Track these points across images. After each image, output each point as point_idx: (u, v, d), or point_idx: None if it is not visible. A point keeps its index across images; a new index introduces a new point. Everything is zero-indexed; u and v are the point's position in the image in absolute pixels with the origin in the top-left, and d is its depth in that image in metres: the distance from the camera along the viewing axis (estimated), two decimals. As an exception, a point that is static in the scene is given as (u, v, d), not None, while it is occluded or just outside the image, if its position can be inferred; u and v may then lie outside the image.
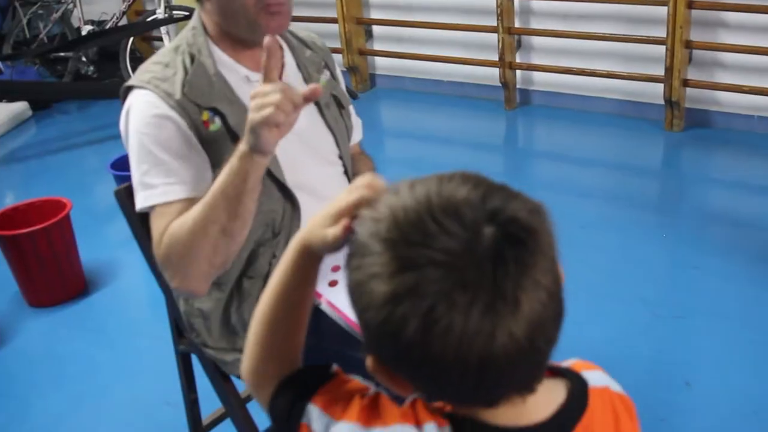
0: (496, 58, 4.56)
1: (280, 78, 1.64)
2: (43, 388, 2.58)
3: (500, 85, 4.64)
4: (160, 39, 5.63)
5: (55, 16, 5.63)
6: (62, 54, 5.61)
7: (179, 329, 1.82)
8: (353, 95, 4.87)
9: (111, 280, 3.17)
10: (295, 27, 1.74)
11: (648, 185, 3.83)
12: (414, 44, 4.95)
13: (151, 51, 6.07)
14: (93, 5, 5.77)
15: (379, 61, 5.27)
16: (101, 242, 3.42)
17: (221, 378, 1.73)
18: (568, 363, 0.90)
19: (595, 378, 0.89)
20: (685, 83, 4.07)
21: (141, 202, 1.48)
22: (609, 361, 2.29)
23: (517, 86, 4.72)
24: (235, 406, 1.75)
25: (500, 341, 0.70)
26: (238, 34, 1.55)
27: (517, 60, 4.64)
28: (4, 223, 2.96)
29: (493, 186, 0.76)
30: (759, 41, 3.84)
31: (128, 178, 1.53)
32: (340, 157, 1.73)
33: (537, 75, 4.69)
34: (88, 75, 5.64)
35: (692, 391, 2.26)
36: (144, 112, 1.47)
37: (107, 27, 5.54)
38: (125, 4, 5.59)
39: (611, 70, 4.32)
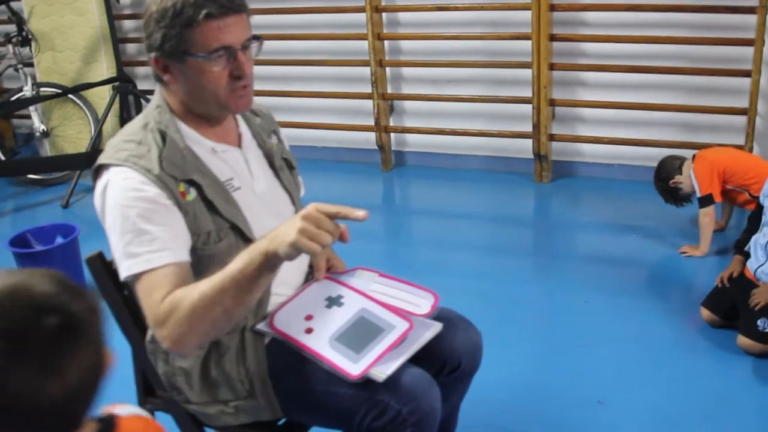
0: (372, 122, 4.81)
1: (240, 146, 1.77)
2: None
3: (377, 148, 4.89)
4: (28, 117, 5.54)
5: None
6: None
7: (146, 389, 1.88)
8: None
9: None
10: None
11: (525, 233, 4.14)
12: (291, 113, 5.12)
13: (9, 128, 5.96)
14: (-47, 85, 5.61)
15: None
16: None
17: (197, 429, 1.80)
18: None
19: (125, 410, 1.18)
20: (551, 137, 4.44)
21: (126, 271, 1.54)
22: (524, 390, 2.52)
23: (393, 148, 4.98)
24: (210, 457, 1.81)
25: (43, 401, 0.93)
26: (206, 113, 1.68)
27: (391, 123, 4.90)
28: None
29: (68, 285, 1.00)
30: (614, 97, 4.27)
31: (28, 256, 1.51)
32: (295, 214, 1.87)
33: (410, 137, 4.96)
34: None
35: (606, 408, 2.49)
36: (125, 187, 1.55)
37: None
38: (-11, 82, 5.49)
39: (481, 128, 4.65)
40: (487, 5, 4.39)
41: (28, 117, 5.51)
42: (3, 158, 5.34)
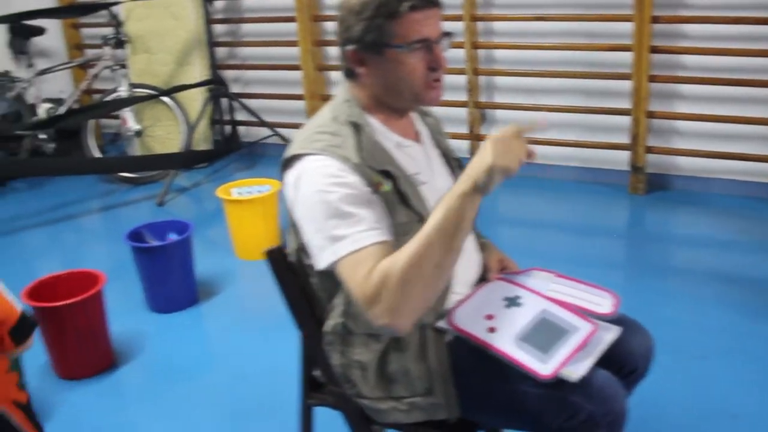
0: (466, 131, 4.84)
1: (419, 141, 1.81)
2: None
3: (468, 156, 4.90)
4: (116, 117, 5.67)
5: (10, 94, 5.58)
6: (16, 132, 5.53)
7: (311, 384, 1.91)
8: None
9: (138, 352, 3.17)
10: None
11: (620, 245, 4.10)
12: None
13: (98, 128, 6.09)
14: (48, 83, 5.75)
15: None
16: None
17: (367, 427, 1.82)
18: None
19: None
20: (648, 150, 4.42)
21: (332, 256, 1.55)
22: (653, 403, 2.50)
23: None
24: (378, 453, 1.84)
25: None
26: (398, 106, 1.71)
27: (482, 132, 4.92)
28: (32, 296, 2.94)
29: None
30: (712, 110, 4.24)
31: (144, 250, 1.55)
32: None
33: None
34: (44, 152, 5.59)
35: (740, 422, 2.48)
36: (324, 173, 1.58)
37: (66, 105, 5.54)
38: (85, 83, 5.61)
39: (575, 139, 4.65)
40: (587, 16, 4.39)
41: (116, 117, 5.64)
42: (100, 155, 5.46)
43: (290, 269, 1.76)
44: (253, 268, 3.89)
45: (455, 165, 1.90)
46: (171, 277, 3.40)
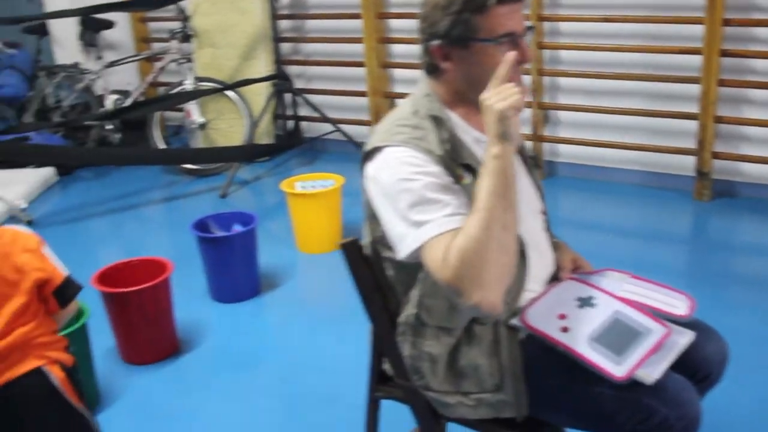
0: (529, 131, 4.82)
1: None
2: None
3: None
4: (179, 110, 5.77)
5: (80, 86, 5.71)
6: (85, 122, 5.66)
7: (382, 377, 1.93)
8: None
9: (201, 340, 3.22)
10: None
11: (683, 251, 4.05)
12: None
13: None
14: (115, 75, 5.87)
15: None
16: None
17: (434, 420, 1.83)
18: None
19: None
20: (714, 155, 4.35)
21: (416, 241, 1.55)
22: (727, 412, 2.46)
23: (545, 158, 4.96)
24: (444, 447, 1.85)
25: None
26: (478, 101, 1.71)
27: (546, 133, 4.89)
28: (102, 281, 3.01)
29: None
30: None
31: (209, 240, 1.59)
32: (543, 212, 1.90)
33: (563, 148, 4.94)
34: (110, 142, 5.71)
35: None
36: (407, 162, 1.60)
37: (133, 97, 5.65)
38: (152, 75, 5.71)
39: (640, 143, 4.60)
40: (655, 18, 4.34)
41: (180, 110, 5.73)
42: (164, 147, 5.56)
43: (365, 261, 1.78)
44: (314, 262, 3.93)
45: (530, 163, 1.90)
46: (235, 267, 3.45)
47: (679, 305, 1.76)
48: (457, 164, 1.64)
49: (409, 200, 1.57)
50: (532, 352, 1.69)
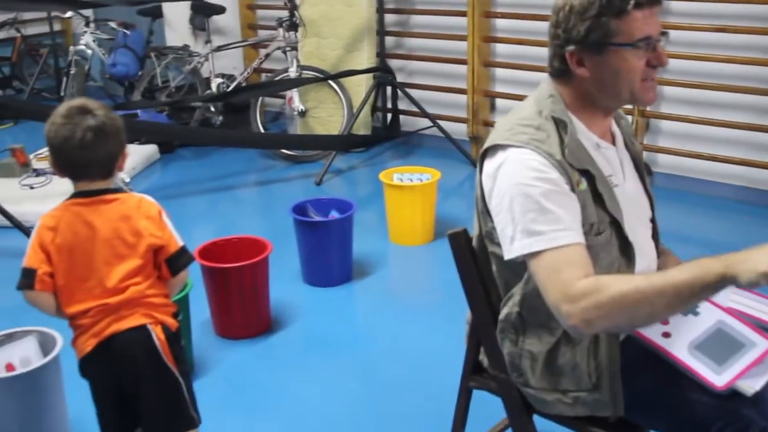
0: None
1: (614, 143, 1.82)
2: (256, 414, 2.72)
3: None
4: (279, 96, 5.91)
5: (187, 68, 5.90)
6: (190, 103, 5.85)
7: (475, 368, 1.97)
8: (474, 163, 5.11)
9: (293, 320, 3.31)
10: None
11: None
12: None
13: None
14: (222, 59, 6.04)
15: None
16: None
17: (526, 415, 1.86)
18: None
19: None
20: (819, 175, 4.24)
21: (526, 248, 1.59)
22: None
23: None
24: (534, 442, 1.88)
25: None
26: (609, 104, 1.72)
27: (645, 142, 4.83)
28: (202, 256, 3.11)
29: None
30: None
31: (307, 224, 1.71)
32: (652, 221, 1.90)
33: (662, 158, 4.87)
34: (212, 124, 5.88)
35: None
36: (528, 167, 1.62)
37: (237, 81, 5.81)
38: (257, 61, 5.86)
39: (743, 157, 4.50)
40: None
41: (281, 97, 5.86)
42: (262, 130, 5.71)
43: (471, 253, 1.82)
44: (406, 253, 3.98)
45: (646, 171, 1.90)
46: (330, 252, 3.53)
47: None
48: (575, 169, 1.65)
49: (524, 205, 1.60)
50: (631, 354, 1.70)
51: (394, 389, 2.83)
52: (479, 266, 1.82)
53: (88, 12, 6.51)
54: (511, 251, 1.63)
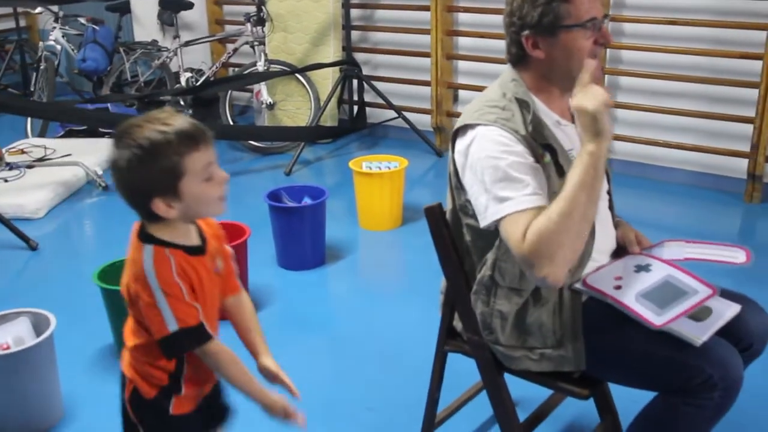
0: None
1: (573, 121, 1.99)
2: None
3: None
4: (247, 90, 6.03)
5: (157, 62, 5.99)
6: (160, 97, 5.94)
7: (449, 333, 2.13)
8: (438, 153, 5.28)
9: (269, 303, 3.45)
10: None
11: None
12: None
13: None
14: (190, 54, 6.14)
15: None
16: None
17: (497, 373, 2.03)
18: None
19: None
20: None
21: (497, 213, 1.77)
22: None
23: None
24: (505, 398, 2.05)
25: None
26: (564, 84, 1.90)
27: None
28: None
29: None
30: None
31: (281, 209, 1.87)
32: (608, 192, 2.08)
33: (618, 145, 5.08)
34: (181, 118, 5.97)
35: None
36: (496, 141, 1.80)
37: (206, 76, 5.92)
38: (226, 55, 5.97)
39: (695, 144, 4.73)
40: (719, 23, 4.46)
41: (249, 90, 5.98)
42: (231, 123, 5.82)
43: (446, 225, 1.98)
44: (376, 238, 4.15)
45: None
46: (304, 237, 3.68)
47: (738, 256, 1.95)
48: (539, 144, 1.83)
49: (494, 176, 1.78)
50: (592, 313, 1.87)
51: (368, 362, 2.99)
52: (453, 237, 1.99)
53: (57, 8, 6.56)
54: (485, 218, 1.80)
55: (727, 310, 1.85)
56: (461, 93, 5.60)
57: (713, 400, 1.72)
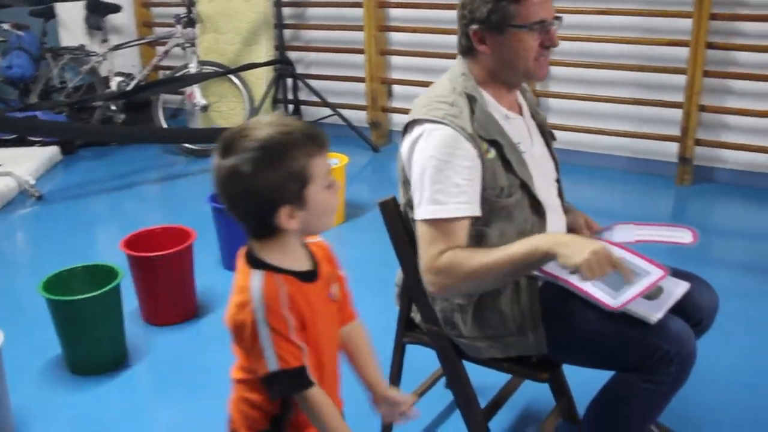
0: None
1: (521, 114, 2.02)
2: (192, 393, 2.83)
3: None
4: (178, 93, 5.96)
5: (85, 67, 5.86)
6: (92, 103, 5.82)
7: (407, 325, 2.15)
8: (375, 148, 5.30)
9: (217, 305, 3.42)
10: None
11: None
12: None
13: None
14: (120, 58, 6.03)
15: (396, 117, 5.68)
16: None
17: (457, 361, 2.05)
18: None
19: None
20: (697, 142, 4.61)
21: (429, 214, 1.81)
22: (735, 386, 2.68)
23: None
24: (465, 386, 2.07)
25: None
26: (510, 81, 1.93)
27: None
28: (129, 246, 3.19)
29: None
30: (763, 106, 4.42)
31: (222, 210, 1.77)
32: (557, 180, 2.12)
33: (557, 134, 5.15)
34: (113, 123, 5.87)
35: None
36: (441, 141, 1.82)
37: (138, 79, 5.82)
38: (157, 58, 5.88)
39: (627, 130, 4.84)
40: (647, 11, 4.58)
41: (180, 93, 5.90)
42: (165, 125, 5.74)
43: (400, 218, 1.99)
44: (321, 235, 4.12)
45: (549, 136, 2.12)
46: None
47: (684, 236, 2.02)
48: (484, 140, 1.85)
49: (436, 177, 1.81)
50: (549, 298, 1.91)
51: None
52: (408, 230, 2.00)
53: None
54: (417, 214, 1.84)
55: (677, 288, 1.91)
56: (395, 88, 5.63)
57: (670, 375, 1.77)
